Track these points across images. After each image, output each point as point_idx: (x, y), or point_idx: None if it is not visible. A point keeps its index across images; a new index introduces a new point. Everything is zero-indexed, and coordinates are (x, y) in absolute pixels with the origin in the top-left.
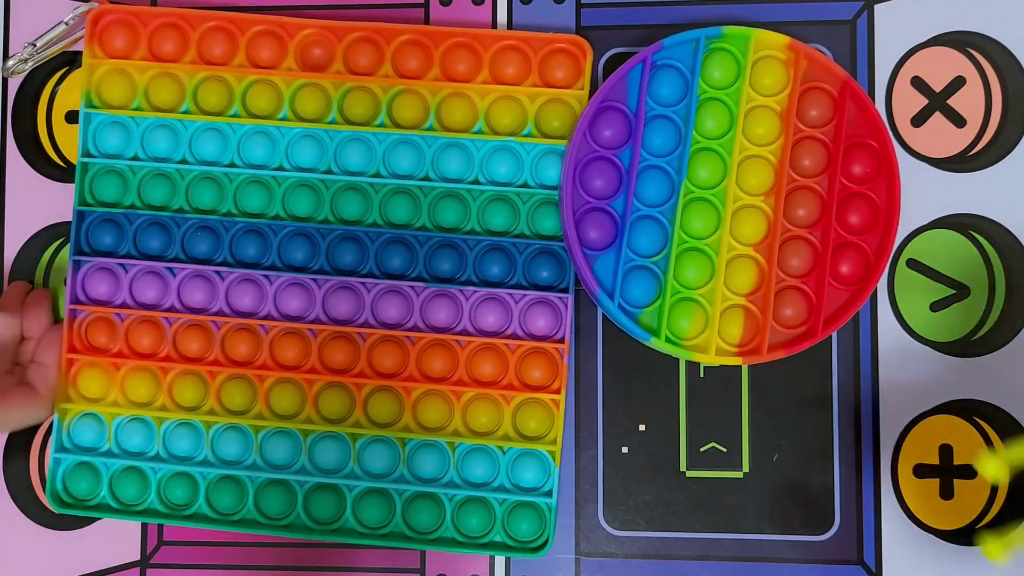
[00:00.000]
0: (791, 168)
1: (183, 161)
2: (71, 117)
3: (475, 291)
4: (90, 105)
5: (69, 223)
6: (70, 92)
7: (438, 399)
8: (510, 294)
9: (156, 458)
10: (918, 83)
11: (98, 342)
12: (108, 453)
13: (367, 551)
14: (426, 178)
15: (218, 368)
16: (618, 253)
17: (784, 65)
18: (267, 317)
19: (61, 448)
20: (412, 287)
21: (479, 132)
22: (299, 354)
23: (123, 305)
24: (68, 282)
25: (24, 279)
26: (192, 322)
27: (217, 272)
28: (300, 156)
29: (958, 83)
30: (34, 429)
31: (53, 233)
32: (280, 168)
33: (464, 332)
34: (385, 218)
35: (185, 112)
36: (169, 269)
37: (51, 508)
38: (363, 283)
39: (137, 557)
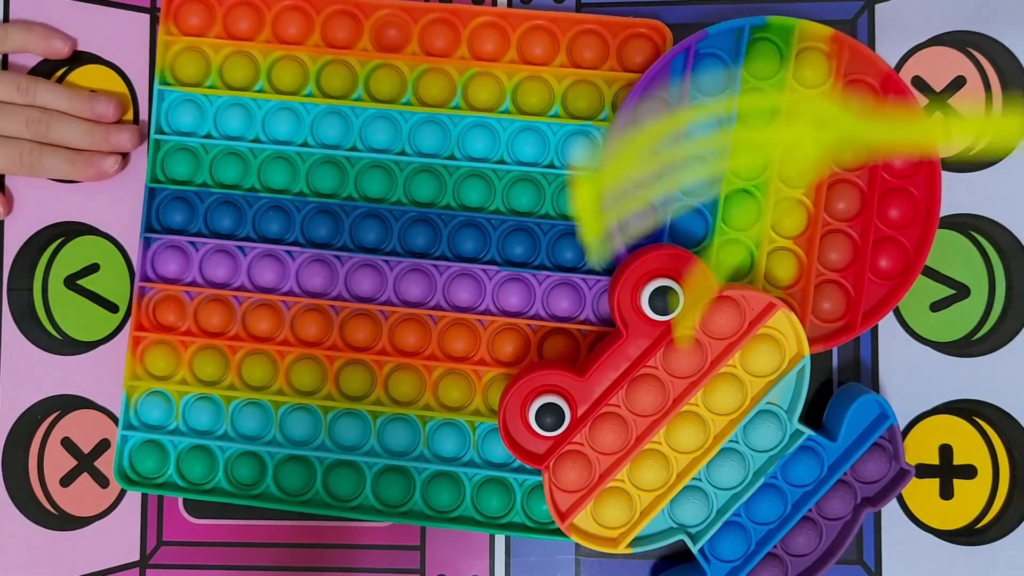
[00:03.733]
0: (833, 161)
1: (256, 140)
2: None
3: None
4: (164, 83)
5: (68, 223)
6: None
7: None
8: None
9: (224, 437)
10: (918, 83)
11: (167, 320)
12: (176, 431)
13: (367, 551)
14: (501, 161)
15: (287, 348)
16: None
17: (827, 57)
18: (337, 298)
19: (128, 426)
20: (435, 265)
21: (555, 116)
22: (369, 336)
23: (193, 283)
24: (138, 260)
25: (24, 279)
26: (262, 301)
27: (288, 252)
28: (373, 137)
29: (958, 83)
30: (33, 427)
31: (53, 233)
32: (354, 148)
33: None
34: (459, 201)
35: (259, 91)
36: (240, 248)
37: (119, 485)
38: (435, 265)
39: (137, 557)
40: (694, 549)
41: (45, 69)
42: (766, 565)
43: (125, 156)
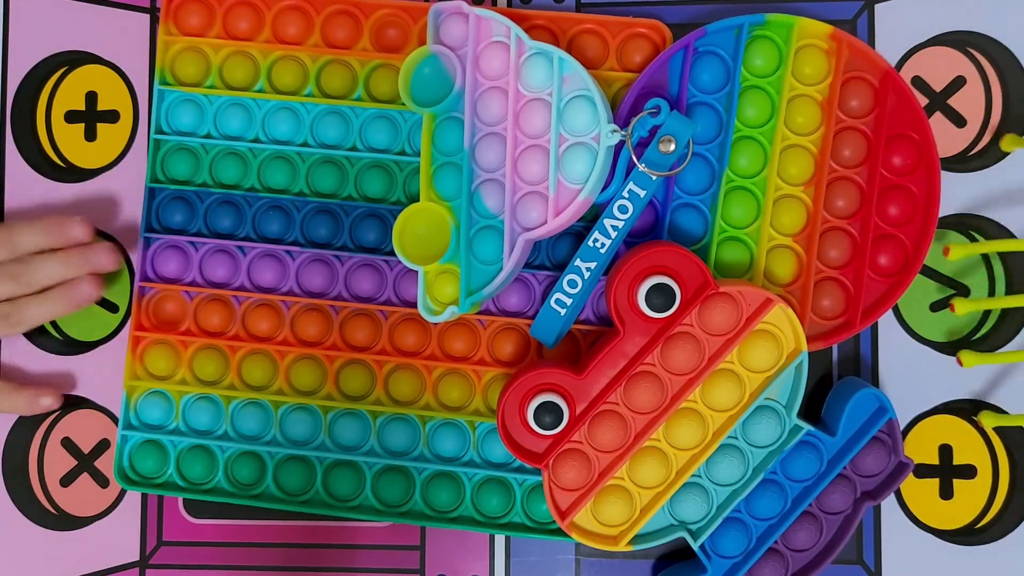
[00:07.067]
0: (831, 158)
1: (256, 140)
2: (71, 117)
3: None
4: (164, 83)
5: None
6: (70, 92)
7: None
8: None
9: (224, 437)
10: (918, 83)
11: (167, 320)
12: (175, 431)
13: (367, 551)
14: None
15: (287, 348)
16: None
17: (826, 54)
18: (337, 298)
19: (128, 426)
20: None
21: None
22: (369, 335)
23: (192, 283)
24: (138, 260)
25: None
26: (262, 301)
27: (288, 252)
28: (373, 137)
29: (958, 83)
30: (34, 427)
31: None
32: (353, 148)
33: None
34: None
35: (259, 91)
36: (239, 248)
37: (119, 484)
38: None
39: (136, 557)
40: (695, 546)
41: (44, 71)
42: (767, 561)
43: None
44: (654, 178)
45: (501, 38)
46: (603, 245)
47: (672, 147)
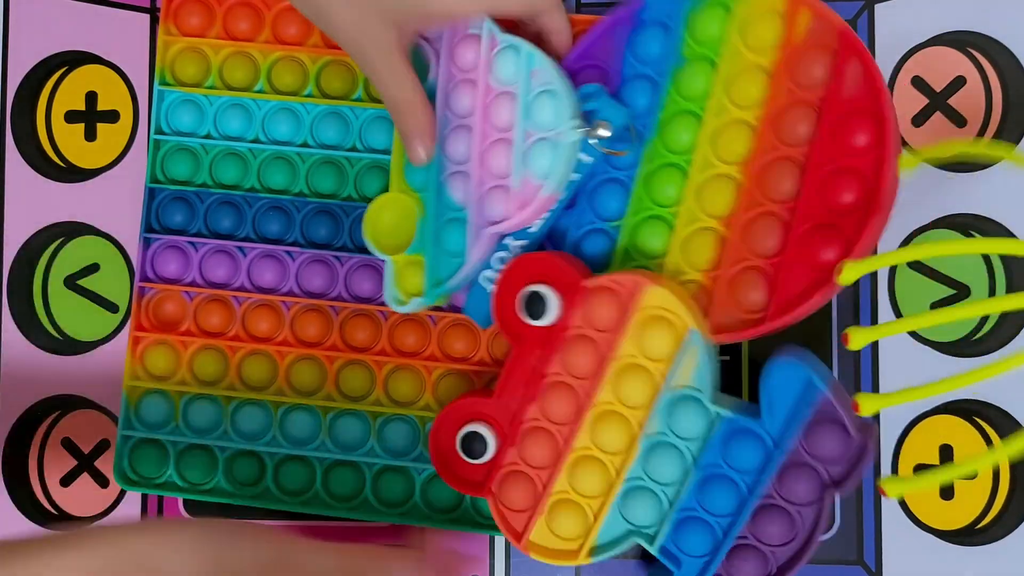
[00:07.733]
0: (775, 135)
1: (256, 140)
2: (71, 117)
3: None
4: (164, 83)
5: (68, 223)
6: (70, 92)
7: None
8: None
9: (224, 437)
10: (918, 83)
11: (167, 320)
12: (176, 431)
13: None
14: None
15: (287, 348)
16: (579, 215)
17: (781, 18)
18: (337, 298)
19: (128, 426)
20: None
21: None
22: (369, 336)
23: (192, 283)
24: (138, 260)
25: (24, 279)
26: (262, 301)
27: (288, 252)
28: (373, 137)
29: (958, 83)
30: (34, 427)
31: (53, 233)
32: (353, 149)
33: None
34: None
35: (259, 91)
36: (239, 248)
37: (119, 485)
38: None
39: None
40: (652, 550)
41: (44, 71)
42: (747, 560)
43: None
44: (590, 160)
45: (476, 30)
46: None
47: (607, 132)
